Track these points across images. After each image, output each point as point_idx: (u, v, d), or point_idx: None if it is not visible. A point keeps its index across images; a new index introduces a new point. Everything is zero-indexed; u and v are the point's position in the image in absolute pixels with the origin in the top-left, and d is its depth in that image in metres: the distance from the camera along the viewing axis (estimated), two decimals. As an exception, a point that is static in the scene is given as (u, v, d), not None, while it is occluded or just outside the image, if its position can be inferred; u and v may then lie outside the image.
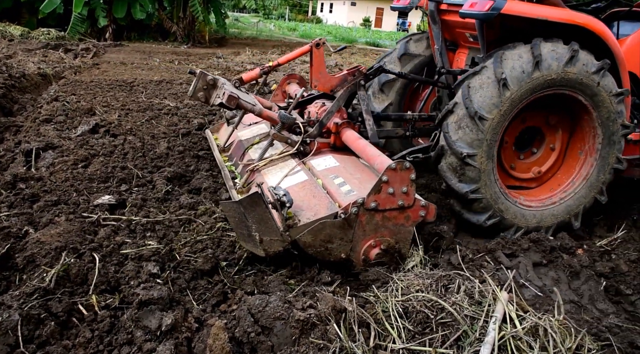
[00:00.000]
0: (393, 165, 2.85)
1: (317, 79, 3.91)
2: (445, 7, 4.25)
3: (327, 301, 2.56)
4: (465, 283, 2.75)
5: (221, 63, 13.17)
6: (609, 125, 3.82)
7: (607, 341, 2.59)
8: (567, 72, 3.53)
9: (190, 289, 2.83)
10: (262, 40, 23.11)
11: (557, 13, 3.55)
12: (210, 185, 4.18)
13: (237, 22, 32.98)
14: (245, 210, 2.72)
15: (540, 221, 3.90)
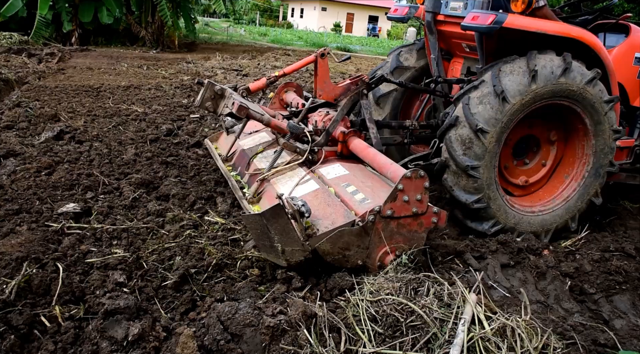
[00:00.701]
0: (408, 174, 2.90)
1: (321, 88, 3.97)
2: (442, 18, 4.40)
3: (298, 307, 2.55)
4: (435, 285, 2.77)
5: (191, 68, 13.05)
6: (601, 132, 4.01)
7: (572, 340, 2.64)
8: (561, 82, 3.72)
9: (158, 297, 2.78)
10: (233, 45, 23.00)
11: (553, 27, 3.72)
12: (179, 192, 4.12)
13: (207, 27, 32.70)
14: (267, 222, 2.73)
15: (516, 224, 4.00)
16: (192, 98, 8.56)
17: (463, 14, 4.06)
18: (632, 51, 4.35)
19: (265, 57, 16.90)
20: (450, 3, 4.30)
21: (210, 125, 6.68)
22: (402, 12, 4.72)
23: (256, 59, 16.44)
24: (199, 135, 6.05)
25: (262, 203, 3.54)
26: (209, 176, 4.61)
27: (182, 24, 20.18)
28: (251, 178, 3.89)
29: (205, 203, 4.06)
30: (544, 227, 4.08)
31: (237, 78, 11.43)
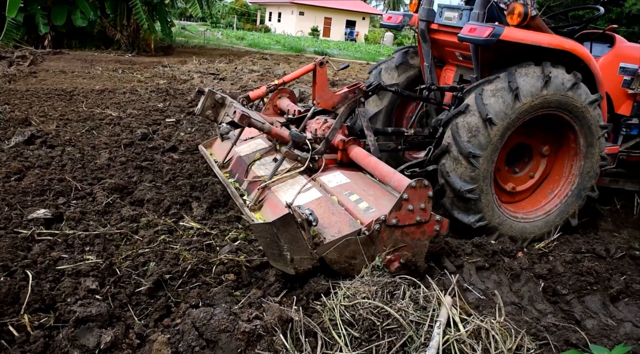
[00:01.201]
0: (413, 184, 2.95)
1: (320, 96, 4.00)
2: (435, 26, 4.48)
3: (274, 312, 2.53)
4: (411, 288, 2.78)
5: (167, 72, 12.92)
6: (591, 155, 4.18)
7: (545, 340, 2.68)
8: (568, 95, 3.88)
9: (131, 304, 2.73)
10: (210, 49, 22.86)
11: (547, 39, 3.84)
12: (154, 197, 4.07)
13: (184, 30, 32.45)
14: (277, 231, 2.75)
15: (500, 224, 4.06)
16: (167, 102, 8.48)
17: (458, 24, 4.17)
18: (617, 61, 4.49)
19: (242, 61, 16.85)
20: (444, 13, 4.38)
21: (186, 129, 6.62)
22: (396, 20, 4.79)
23: (233, 62, 16.38)
24: (174, 139, 5.99)
25: (263, 211, 3.55)
26: (185, 181, 4.56)
27: (159, 27, 19.99)
28: (250, 185, 3.90)
29: (181, 208, 4.01)
30: (522, 234, 4.14)
31: (214, 82, 11.37)
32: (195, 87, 10.11)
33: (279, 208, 3.39)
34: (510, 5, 3.85)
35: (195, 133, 6.41)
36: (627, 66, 4.52)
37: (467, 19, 4.09)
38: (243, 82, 11.36)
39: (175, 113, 7.59)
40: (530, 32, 3.84)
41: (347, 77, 14.99)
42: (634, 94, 4.52)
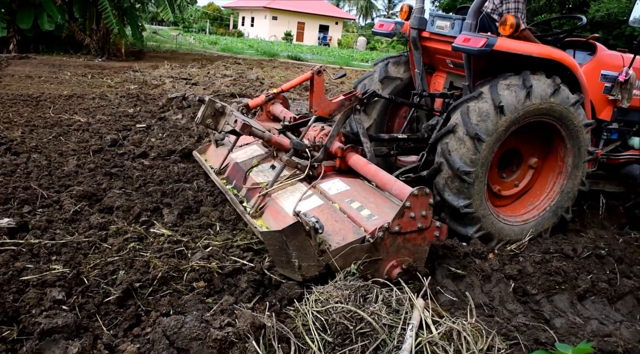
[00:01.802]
0: (415, 192, 3.03)
1: (317, 104, 4.04)
2: (427, 34, 4.60)
3: (246, 318, 2.51)
4: (383, 292, 2.79)
5: (138, 77, 12.74)
6: (574, 177, 4.37)
7: (515, 340, 2.72)
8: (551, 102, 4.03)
9: (100, 314, 2.67)
10: (182, 54, 22.65)
11: (537, 49, 3.99)
12: (124, 204, 3.99)
13: (155, 35, 32.05)
14: (286, 238, 2.82)
15: (482, 217, 4.15)
16: (138, 107, 8.36)
17: (450, 33, 4.30)
18: (598, 68, 4.63)
19: (215, 66, 16.73)
20: (436, 21, 4.49)
21: (157, 134, 6.53)
22: (388, 27, 4.88)
23: (206, 67, 16.25)
24: (145, 145, 5.90)
25: (265, 218, 3.60)
26: (156, 187, 4.49)
27: (129, 31, 19.71)
28: (249, 192, 3.95)
29: (151, 215, 3.95)
30: (500, 234, 4.20)
31: (186, 87, 11.26)
32: (167, 92, 10.00)
33: (281, 214, 3.48)
34: (503, 17, 3.97)
35: (166, 139, 6.32)
36: (608, 73, 4.67)
37: (459, 28, 4.20)
38: (216, 86, 11.27)
39: (146, 118, 7.49)
40: (521, 42, 3.97)
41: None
42: (614, 100, 4.69)
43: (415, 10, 4.63)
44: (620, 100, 4.66)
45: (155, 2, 20.28)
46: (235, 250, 3.42)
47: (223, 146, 4.70)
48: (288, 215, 3.43)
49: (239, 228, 3.86)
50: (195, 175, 5.00)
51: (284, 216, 3.47)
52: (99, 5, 16.94)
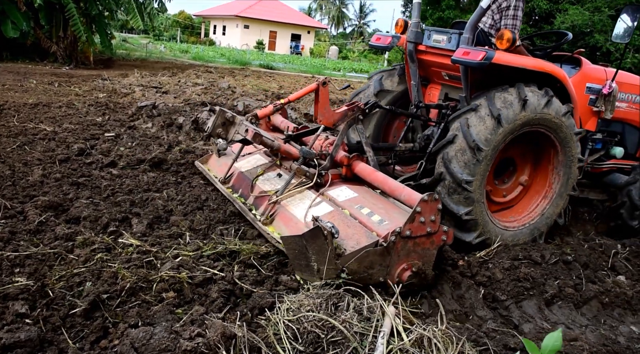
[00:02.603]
0: (425, 197, 3.18)
1: (322, 114, 4.17)
2: (423, 48, 4.78)
3: (216, 328, 2.48)
4: (355, 300, 2.79)
5: (107, 85, 12.54)
6: (559, 201, 4.58)
7: (485, 346, 2.75)
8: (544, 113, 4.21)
9: (65, 327, 2.59)
10: (152, 62, 22.40)
11: (532, 62, 4.20)
12: (91, 214, 3.91)
13: (125, 43, 31.63)
14: (307, 243, 2.93)
15: (482, 223, 4.30)
16: (107, 116, 8.22)
17: (447, 46, 4.48)
18: (583, 81, 4.86)
19: (186, 74, 16.59)
20: (433, 36, 4.67)
21: (127, 143, 6.43)
22: (386, 41, 5.04)
23: (177, 76, 16.10)
24: (114, 154, 5.80)
25: (276, 224, 3.73)
26: (124, 196, 4.41)
27: (98, 39, 19.39)
28: (257, 200, 4.09)
29: (120, 225, 3.87)
30: (496, 237, 4.34)
31: (157, 95, 11.12)
32: (137, 100, 9.86)
33: (293, 221, 3.63)
34: (500, 31, 4.14)
35: (136, 147, 6.23)
36: (593, 86, 4.90)
37: (455, 42, 4.38)
38: (186, 95, 11.17)
39: (115, 127, 7.36)
40: (516, 56, 4.16)
41: (292, 90, 15.06)
42: (598, 112, 4.93)
43: (412, 24, 4.80)
44: (604, 112, 4.90)
45: (125, 9, 19.99)
46: (206, 259, 3.38)
47: (225, 156, 4.83)
48: (300, 221, 3.57)
49: (210, 237, 3.82)
50: (165, 184, 4.94)
51: (296, 222, 3.60)
52: (66, 12, 16.61)
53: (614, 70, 4.93)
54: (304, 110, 9.89)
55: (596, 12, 29.57)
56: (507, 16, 4.70)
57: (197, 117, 7.76)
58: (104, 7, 19.09)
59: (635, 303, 3.76)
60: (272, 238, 3.56)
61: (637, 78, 5.35)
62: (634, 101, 5.23)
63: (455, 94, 4.80)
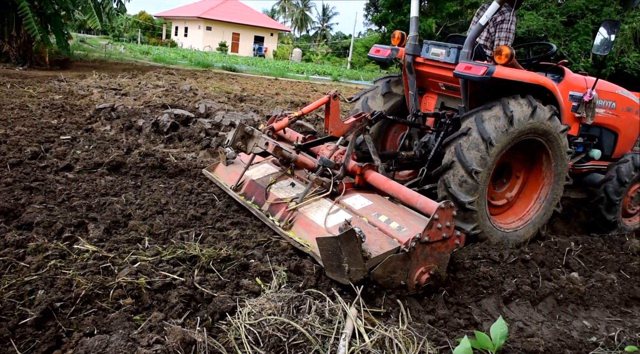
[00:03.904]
0: (442, 205, 3.37)
1: (332, 125, 4.35)
2: (421, 60, 5.04)
3: (176, 334, 2.43)
4: (316, 302, 2.79)
5: (64, 86, 12.16)
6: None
7: (445, 345, 2.79)
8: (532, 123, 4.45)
9: (14, 338, 2.49)
10: (112, 63, 21.89)
11: (527, 75, 4.47)
12: (45, 219, 3.77)
13: (82, 43, 30.77)
14: (341, 244, 3.05)
15: (481, 217, 4.48)
16: (63, 118, 7.97)
17: (446, 60, 4.73)
18: (567, 90, 5.13)
19: (147, 76, 16.28)
20: (431, 49, 4.91)
21: (83, 146, 6.25)
22: (385, 53, 5.27)
23: (137, 77, 15.78)
24: (69, 157, 5.62)
25: (295, 230, 3.92)
26: (81, 201, 4.28)
27: (54, 39, 18.81)
28: (272, 207, 4.26)
29: (75, 230, 3.76)
30: (490, 234, 4.55)
31: (116, 97, 10.86)
32: (95, 102, 9.61)
33: (313, 227, 3.83)
34: (498, 47, 4.40)
35: (93, 151, 6.06)
36: (575, 94, 5.21)
37: (454, 55, 4.64)
38: (147, 97, 10.95)
39: (72, 130, 7.15)
40: (513, 69, 4.40)
41: (255, 93, 14.98)
42: (579, 117, 5.26)
43: (410, 38, 5.07)
44: (585, 118, 5.23)
45: (82, 9, 19.46)
46: (165, 264, 3.31)
47: (233, 164, 5.04)
48: (320, 227, 3.79)
49: (170, 241, 3.74)
50: (124, 188, 4.83)
51: (317, 228, 3.80)
52: (19, 11, 16.02)
53: (594, 79, 5.27)
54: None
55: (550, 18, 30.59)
56: (502, 29, 4.93)
57: (158, 119, 7.63)
58: (60, 6, 18.51)
59: (587, 298, 3.89)
60: (294, 241, 3.75)
61: (613, 86, 5.73)
62: (610, 107, 5.61)
63: (452, 103, 5.09)
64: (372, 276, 3.20)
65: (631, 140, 5.98)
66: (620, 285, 4.14)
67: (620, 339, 3.33)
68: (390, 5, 36.29)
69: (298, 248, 3.69)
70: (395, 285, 3.31)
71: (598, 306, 3.88)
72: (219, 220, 4.30)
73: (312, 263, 3.56)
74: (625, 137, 5.88)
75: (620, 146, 5.88)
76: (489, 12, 4.44)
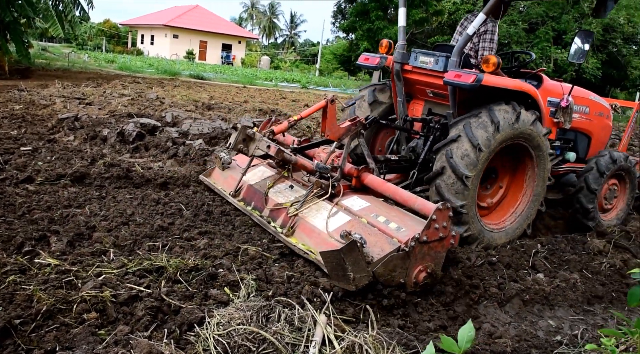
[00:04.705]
0: (440, 206, 3.52)
1: (329, 129, 4.50)
2: (409, 68, 5.20)
3: (142, 348, 2.39)
4: (286, 310, 2.77)
5: (24, 96, 11.82)
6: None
7: (415, 349, 2.80)
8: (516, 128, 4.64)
9: (-28, 358, 2.40)
10: (75, 72, 21.40)
11: (512, 83, 4.67)
12: (3, 233, 3.65)
13: (44, 52, 30.02)
14: (344, 255, 3.16)
15: (470, 216, 4.60)
16: (23, 129, 7.75)
17: (434, 68, 4.88)
18: (545, 96, 5.32)
19: (112, 85, 16.00)
20: (420, 57, 5.06)
21: (45, 158, 6.08)
22: (374, 61, 5.42)
23: (102, 86, 15.49)
24: (30, 169, 5.46)
25: (297, 235, 4.02)
26: (42, 214, 4.16)
27: (13, 47, 18.29)
28: (273, 212, 4.36)
29: (37, 244, 3.65)
30: (479, 235, 4.69)
31: (79, 107, 10.63)
32: (58, 112, 9.37)
33: (315, 232, 3.93)
34: (485, 56, 4.60)
35: (55, 162, 5.91)
36: (553, 100, 5.44)
37: (442, 63, 4.79)
38: (112, 106, 10.74)
39: (33, 141, 6.95)
40: (499, 77, 4.59)
41: (223, 101, 14.88)
42: (557, 122, 5.49)
43: (399, 46, 5.23)
44: (563, 122, 5.49)
45: (43, 17, 19.00)
46: (131, 276, 3.24)
47: (229, 169, 5.10)
48: (322, 232, 3.88)
49: (136, 253, 3.67)
50: (88, 199, 4.72)
51: (318, 233, 3.91)
52: (-24, 19, 15.60)
53: (569, 85, 5.52)
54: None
55: (512, 25, 31.34)
56: (485, 40, 5.13)
57: (123, 128, 7.50)
58: (20, 13, 18.04)
59: (552, 298, 3.98)
60: (298, 249, 3.84)
61: (587, 92, 6.02)
62: (584, 112, 5.88)
63: (439, 109, 5.28)
64: (375, 275, 3.33)
65: (603, 143, 6.28)
66: (582, 284, 4.25)
67: (582, 337, 3.41)
68: (357, 13, 36.64)
69: (302, 255, 3.79)
70: (395, 283, 3.45)
71: (562, 305, 3.97)
72: (186, 230, 4.24)
73: (281, 271, 3.55)
74: (598, 140, 6.17)
75: (593, 149, 6.16)
76: (476, 23, 4.61)
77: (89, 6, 22.76)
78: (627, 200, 6.22)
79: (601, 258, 4.85)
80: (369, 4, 36.20)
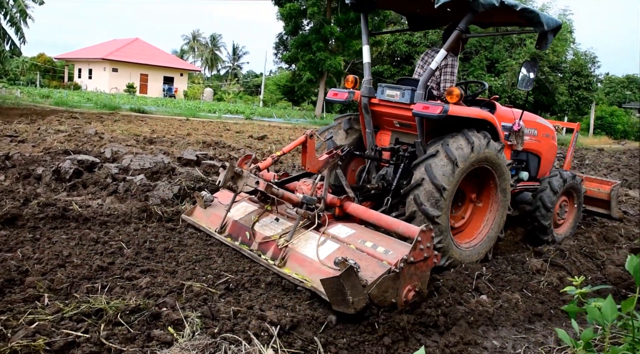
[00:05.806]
0: (424, 228, 3.81)
1: (309, 162, 4.75)
2: (376, 101, 5.51)
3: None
4: (232, 347, 2.71)
5: (-50, 135, 11.21)
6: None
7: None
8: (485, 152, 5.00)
9: None
10: (7, 108, 20.51)
11: (474, 112, 5.04)
12: None
13: (-28, 88, 28.69)
14: (343, 281, 3.36)
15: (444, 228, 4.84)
16: (-51, 169, 7.31)
17: (400, 100, 5.21)
18: (500, 121, 5.63)
19: (47, 121, 15.44)
20: (386, 91, 5.39)
21: (-27, 199, 5.75)
22: (343, 96, 5.67)
23: (36, 122, 14.92)
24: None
25: (290, 266, 4.15)
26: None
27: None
28: (262, 245, 4.50)
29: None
30: (448, 251, 4.90)
31: (12, 144, 10.17)
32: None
33: (307, 261, 4.08)
34: (449, 88, 4.93)
35: (3, 195, 5.60)
36: (506, 124, 5.84)
37: (408, 96, 5.12)
38: (47, 143, 10.35)
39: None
40: (462, 107, 4.96)
41: (165, 134, 14.65)
42: (511, 145, 5.91)
43: (365, 81, 5.58)
44: (516, 145, 5.91)
45: (-28, 52, 18.25)
46: (68, 321, 3.08)
47: (211, 207, 5.26)
48: (314, 260, 4.03)
49: (73, 296, 3.50)
50: (20, 242, 4.48)
51: (310, 262, 4.06)
52: None
53: (519, 110, 6.01)
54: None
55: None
56: (446, 73, 5.56)
57: (59, 166, 7.22)
58: (-55, 49, 17.27)
59: (495, 318, 4.08)
60: (293, 279, 3.99)
61: (534, 116, 6.62)
62: (533, 134, 6.39)
63: (406, 139, 5.63)
64: (370, 297, 3.50)
65: (550, 162, 6.85)
66: (523, 303, 4.39)
67: (525, 355, 3.51)
68: (298, 44, 37.31)
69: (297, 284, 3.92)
70: (387, 303, 3.65)
71: (505, 325, 4.07)
72: (127, 269, 4.10)
73: (227, 306, 3.48)
74: (547, 159, 6.72)
75: (543, 168, 6.71)
76: (438, 58, 5.01)
77: (21, 41, 22.03)
78: (575, 214, 6.82)
79: (539, 276, 5.04)
80: (309, 35, 36.98)
